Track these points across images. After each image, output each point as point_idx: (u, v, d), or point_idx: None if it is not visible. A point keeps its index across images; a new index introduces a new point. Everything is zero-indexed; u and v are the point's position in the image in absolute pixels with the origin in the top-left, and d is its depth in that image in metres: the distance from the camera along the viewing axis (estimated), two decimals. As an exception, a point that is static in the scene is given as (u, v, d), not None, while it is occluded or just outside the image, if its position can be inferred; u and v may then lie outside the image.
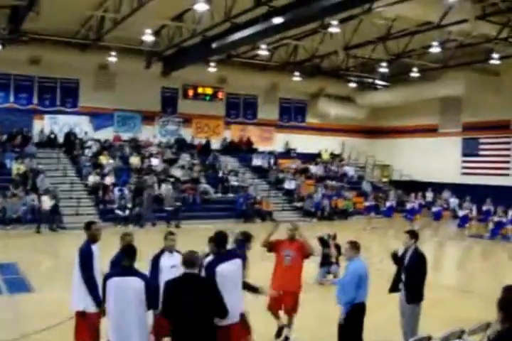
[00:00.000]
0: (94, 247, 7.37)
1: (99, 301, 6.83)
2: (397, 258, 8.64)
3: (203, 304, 5.82)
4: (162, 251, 7.78)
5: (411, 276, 8.33)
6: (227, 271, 6.77)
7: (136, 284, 6.21)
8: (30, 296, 11.79)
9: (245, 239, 8.50)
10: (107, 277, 6.38)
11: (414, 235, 8.59)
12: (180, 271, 6.44)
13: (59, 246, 20.49)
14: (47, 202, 23.29)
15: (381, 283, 8.87)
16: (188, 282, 5.96)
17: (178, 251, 7.63)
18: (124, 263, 6.42)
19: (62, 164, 27.36)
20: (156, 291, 6.71)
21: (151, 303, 6.39)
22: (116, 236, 7.96)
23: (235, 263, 7.01)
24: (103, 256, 7.51)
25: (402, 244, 8.62)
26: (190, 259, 6.03)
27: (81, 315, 7.16)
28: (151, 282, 7.04)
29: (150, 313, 6.73)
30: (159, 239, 8.09)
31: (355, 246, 7.85)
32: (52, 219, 22.96)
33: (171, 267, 7.39)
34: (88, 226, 7.57)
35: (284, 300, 9.03)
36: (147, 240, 7.73)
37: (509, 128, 30.28)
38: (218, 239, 7.21)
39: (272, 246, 9.40)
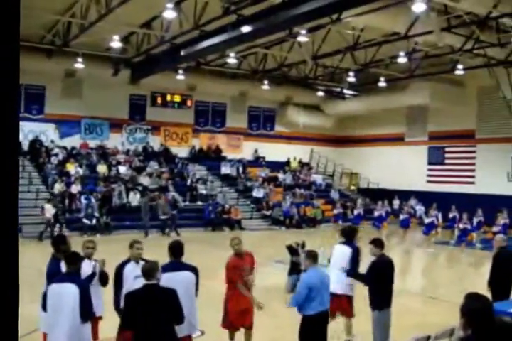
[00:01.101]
0: (62, 264, 7.02)
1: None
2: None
3: (163, 314, 5.80)
4: (127, 261, 7.54)
5: (375, 283, 8.33)
6: (171, 280, 6.71)
7: (70, 291, 6.16)
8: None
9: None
10: (48, 283, 6.39)
11: (378, 244, 8.62)
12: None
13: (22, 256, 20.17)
14: (49, 210, 23.44)
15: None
16: (148, 293, 5.91)
17: (145, 260, 7.32)
18: (66, 270, 6.44)
19: (27, 172, 26.84)
20: (117, 302, 6.66)
21: (84, 312, 6.25)
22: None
23: (183, 275, 7.05)
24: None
25: (370, 254, 8.64)
26: (148, 270, 6.01)
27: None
28: (115, 292, 7.04)
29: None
30: (126, 247, 8.01)
31: (310, 255, 7.72)
32: (54, 227, 23.13)
33: (135, 277, 7.03)
34: (63, 240, 7.51)
35: (245, 318, 8.55)
36: (115, 249, 7.66)
37: (474, 138, 30.75)
38: (173, 248, 7.23)
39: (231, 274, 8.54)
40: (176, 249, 7.21)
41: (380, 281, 8.34)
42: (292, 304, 7.51)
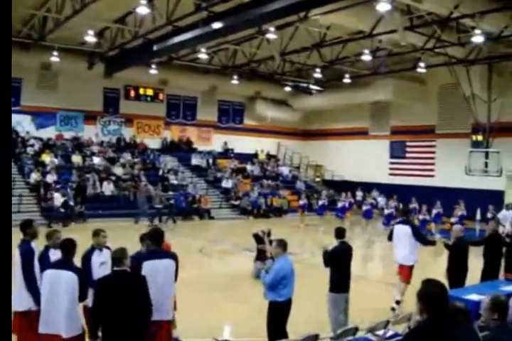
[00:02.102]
0: (34, 245, 7.14)
1: (39, 298, 6.60)
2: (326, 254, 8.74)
3: (132, 300, 5.81)
4: (93, 248, 7.45)
5: (333, 267, 8.50)
6: (152, 268, 6.75)
7: (68, 278, 6.19)
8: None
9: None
10: (43, 269, 6.38)
11: (339, 232, 8.86)
12: (109, 267, 6.46)
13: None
14: (58, 199, 24.00)
15: (311, 275, 8.98)
16: (118, 279, 5.94)
17: (108, 248, 7.40)
18: (62, 257, 6.43)
19: (3, 162, 26.58)
20: (85, 287, 6.64)
21: (82, 295, 6.37)
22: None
23: (164, 262, 7.01)
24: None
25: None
26: (118, 257, 6.01)
27: (24, 315, 6.83)
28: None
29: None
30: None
31: (280, 244, 7.74)
32: (65, 215, 23.76)
33: (100, 264, 7.14)
34: (30, 224, 7.40)
35: None
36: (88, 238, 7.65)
37: (434, 133, 31.05)
38: (152, 235, 7.19)
39: None
40: (157, 237, 7.15)
41: (337, 266, 8.50)
42: (271, 296, 7.59)
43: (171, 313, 7.11)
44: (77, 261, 6.98)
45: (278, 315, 7.59)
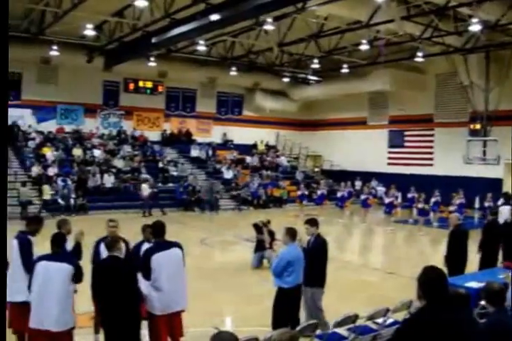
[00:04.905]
0: (32, 237, 7.20)
1: None
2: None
3: (123, 283, 6.24)
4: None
5: (310, 261, 8.17)
6: (163, 259, 6.78)
7: (63, 268, 6.28)
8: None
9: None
10: (36, 260, 6.41)
11: (313, 223, 8.52)
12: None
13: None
14: (146, 190, 25.49)
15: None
16: (111, 263, 6.41)
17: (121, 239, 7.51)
18: (53, 250, 6.49)
19: (5, 155, 26.66)
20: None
21: (78, 282, 6.54)
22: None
23: (173, 252, 7.02)
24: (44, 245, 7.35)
25: (306, 234, 8.52)
26: (110, 243, 6.55)
27: (21, 305, 6.79)
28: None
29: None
30: (101, 227, 7.99)
31: (289, 232, 7.83)
32: (152, 205, 25.29)
33: None
34: (39, 221, 7.48)
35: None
36: (91, 229, 7.70)
37: (432, 122, 31.01)
38: (156, 228, 7.20)
39: None
40: (160, 229, 7.18)
41: (314, 260, 8.22)
42: (277, 282, 7.67)
43: (186, 303, 7.15)
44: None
45: (283, 301, 7.66)
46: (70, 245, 7.31)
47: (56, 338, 6.23)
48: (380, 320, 7.29)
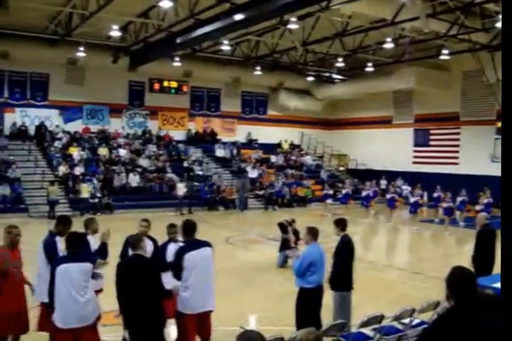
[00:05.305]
0: (58, 239, 7.15)
1: None
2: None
3: (146, 282, 6.24)
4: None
5: (335, 263, 8.14)
6: (195, 258, 6.80)
7: (84, 268, 6.32)
8: None
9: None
10: (55, 265, 6.31)
11: (338, 224, 8.42)
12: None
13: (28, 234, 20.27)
14: (181, 189, 26.00)
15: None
16: (135, 261, 6.46)
17: (150, 237, 7.86)
18: (69, 251, 6.43)
19: (33, 155, 27.02)
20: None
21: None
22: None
23: (204, 251, 7.04)
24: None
25: (335, 234, 8.45)
26: (133, 242, 6.55)
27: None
28: None
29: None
30: (127, 226, 8.04)
31: (310, 231, 7.78)
32: (188, 204, 25.94)
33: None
34: (68, 221, 7.47)
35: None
36: (116, 227, 7.77)
37: (458, 120, 30.71)
38: (187, 227, 7.20)
39: None
40: (191, 228, 7.18)
41: (342, 262, 8.14)
42: (299, 282, 7.64)
43: (215, 303, 7.13)
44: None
45: (306, 301, 7.62)
46: (96, 244, 7.43)
47: (81, 334, 6.28)
48: (406, 321, 7.22)
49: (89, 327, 6.35)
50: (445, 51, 25.33)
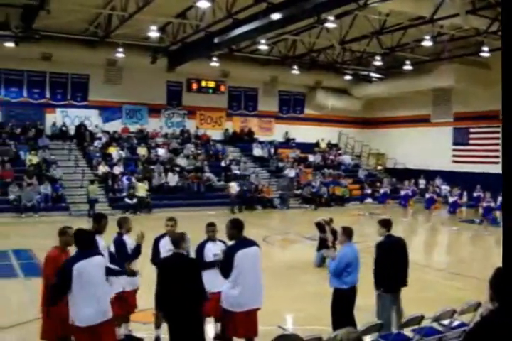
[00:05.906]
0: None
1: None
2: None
3: (188, 280, 6.31)
4: (162, 235, 8.00)
5: (378, 263, 8.00)
6: (246, 256, 6.86)
7: (99, 262, 6.26)
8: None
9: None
10: (69, 265, 6.01)
11: (383, 224, 8.19)
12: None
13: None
14: (234, 188, 26.61)
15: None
16: (176, 260, 6.49)
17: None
18: (80, 249, 6.30)
19: (73, 155, 27.46)
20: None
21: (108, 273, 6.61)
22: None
23: (253, 250, 7.07)
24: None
25: (377, 234, 8.27)
26: (176, 240, 6.61)
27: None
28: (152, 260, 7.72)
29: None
30: (163, 225, 8.10)
31: (345, 231, 7.71)
32: (240, 203, 26.62)
33: (168, 250, 7.26)
34: (99, 218, 7.60)
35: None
36: (155, 226, 7.87)
37: (498, 119, 30.14)
38: (236, 226, 7.22)
39: None
40: (240, 226, 7.23)
41: (386, 262, 7.94)
42: (335, 283, 7.59)
43: (262, 301, 7.13)
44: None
45: (342, 302, 7.56)
46: (132, 243, 7.61)
47: (99, 330, 6.10)
48: (446, 322, 7.11)
49: (108, 322, 6.26)
50: (485, 48, 24.88)
